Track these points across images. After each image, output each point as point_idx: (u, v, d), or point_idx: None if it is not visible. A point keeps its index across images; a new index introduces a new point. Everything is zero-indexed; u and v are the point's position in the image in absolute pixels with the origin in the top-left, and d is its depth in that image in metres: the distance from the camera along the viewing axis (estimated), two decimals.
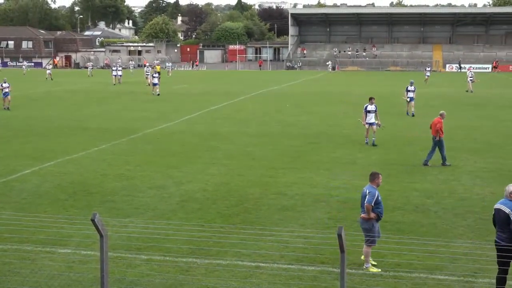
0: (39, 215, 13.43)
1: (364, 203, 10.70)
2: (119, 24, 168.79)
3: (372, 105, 23.68)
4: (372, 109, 23.69)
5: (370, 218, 10.72)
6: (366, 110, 23.73)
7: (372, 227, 10.75)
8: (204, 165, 19.84)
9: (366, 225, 10.80)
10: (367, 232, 10.75)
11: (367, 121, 23.62)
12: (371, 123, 23.63)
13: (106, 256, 7.96)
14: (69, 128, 28.59)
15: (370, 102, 23.72)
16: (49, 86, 57.82)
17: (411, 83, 34.44)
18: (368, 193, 10.72)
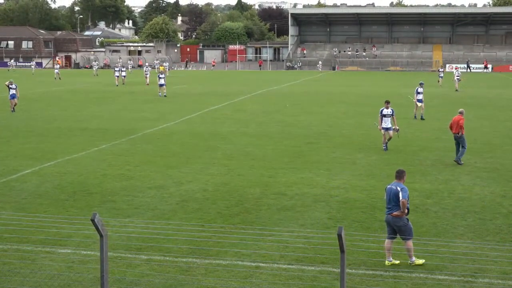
0: (39, 215, 13.44)
1: (401, 199, 10.74)
2: (119, 24, 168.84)
3: (388, 109, 22.35)
4: (389, 113, 22.36)
5: (403, 215, 10.82)
6: (381, 114, 22.38)
7: (407, 222, 10.94)
8: (204, 165, 19.84)
9: (401, 222, 10.87)
10: (404, 228, 10.86)
11: (383, 125, 22.31)
12: (387, 128, 22.29)
13: (106, 256, 7.97)
14: (69, 128, 28.60)
15: (385, 106, 22.45)
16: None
17: (421, 84, 33.42)
18: (401, 189, 10.84)
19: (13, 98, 35.20)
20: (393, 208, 10.89)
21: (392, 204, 10.90)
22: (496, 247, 11.78)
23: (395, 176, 11.18)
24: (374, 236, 12.13)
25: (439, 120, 31.70)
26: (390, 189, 11.02)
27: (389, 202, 10.96)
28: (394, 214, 10.86)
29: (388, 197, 11.00)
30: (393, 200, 10.89)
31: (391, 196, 10.94)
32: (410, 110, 34.61)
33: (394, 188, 10.94)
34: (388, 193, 11.03)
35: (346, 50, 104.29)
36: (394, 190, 10.93)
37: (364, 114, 34.33)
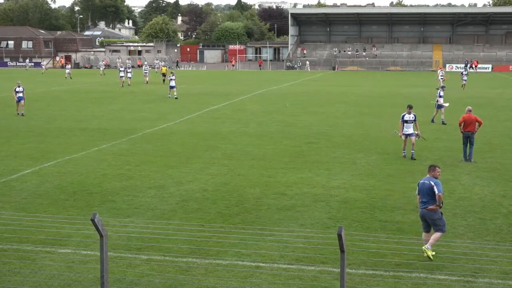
0: (39, 215, 13.44)
1: (437, 193, 11.11)
2: (119, 24, 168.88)
3: (411, 114, 20.93)
4: (411, 119, 20.93)
5: (437, 208, 11.20)
6: (403, 119, 20.94)
7: (441, 215, 11.35)
8: (204, 165, 19.85)
9: (436, 215, 11.26)
10: (438, 221, 11.26)
11: (404, 132, 20.92)
12: (408, 134, 20.93)
13: (106, 256, 7.97)
14: (69, 128, 28.60)
15: (407, 111, 21.01)
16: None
17: (443, 87, 32.20)
18: (435, 183, 11.23)
19: (19, 101, 33.53)
20: (428, 202, 11.27)
21: (428, 198, 11.27)
22: (496, 247, 11.79)
23: (428, 170, 11.63)
24: (374, 236, 12.13)
25: (439, 120, 31.68)
26: (423, 184, 11.40)
27: (423, 196, 11.34)
28: (429, 208, 11.24)
29: (422, 192, 11.37)
30: (428, 195, 11.25)
31: (425, 190, 11.31)
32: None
33: (428, 183, 11.32)
34: (421, 188, 11.41)
35: (346, 50, 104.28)
36: (427, 185, 11.30)
37: (364, 114, 34.35)
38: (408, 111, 21.01)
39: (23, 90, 33.83)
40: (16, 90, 33.62)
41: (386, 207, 14.75)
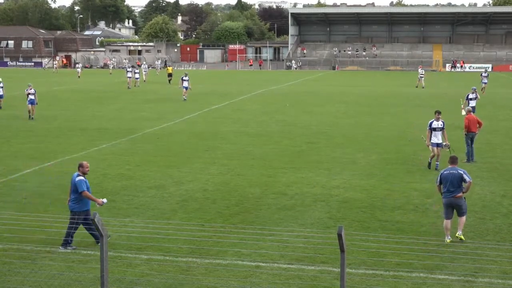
0: (39, 215, 13.44)
1: (468, 180, 12.08)
2: (119, 24, 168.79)
3: (439, 121, 18.95)
4: (439, 126, 18.92)
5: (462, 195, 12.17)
6: (431, 127, 18.96)
7: (465, 200, 12.36)
8: (204, 165, 19.85)
9: (462, 201, 12.22)
10: (464, 207, 12.23)
11: (432, 141, 18.97)
12: (437, 144, 18.86)
13: (106, 255, 7.97)
14: (69, 128, 28.59)
15: (436, 117, 19.04)
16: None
17: (474, 90, 30.11)
18: (464, 172, 12.19)
19: (31, 104, 31.33)
20: (455, 191, 12.12)
21: (456, 187, 12.12)
22: (496, 247, 11.79)
23: (450, 162, 12.49)
24: (374, 236, 12.14)
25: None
26: (450, 174, 12.21)
27: (451, 185, 12.13)
28: (458, 196, 12.11)
29: (449, 182, 12.14)
30: (457, 183, 12.12)
31: (453, 180, 12.13)
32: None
33: (456, 172, 12.20)
34: (448, 178, 12.19)
35: (346, 49, 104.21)
36: (456, 174, 12.16)
37: (364, 114, 34.35)
38: (437, 117, 18.99)
39: (34, 93, 31.59)
40: (27, 93, 31.56)
41: (386, 207, 14.76)
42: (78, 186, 11.60)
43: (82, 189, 11.59)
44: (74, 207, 11.71)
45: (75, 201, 11.71)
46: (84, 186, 11.66)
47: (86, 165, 11.99)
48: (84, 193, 11.62)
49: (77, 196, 11.66)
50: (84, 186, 11.65)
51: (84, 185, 11.66)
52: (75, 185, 11.67)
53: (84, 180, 11.73)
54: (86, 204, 11.76)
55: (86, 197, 11.67)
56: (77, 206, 11.68)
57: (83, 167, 11.90)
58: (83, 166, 11.92)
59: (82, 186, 11.61)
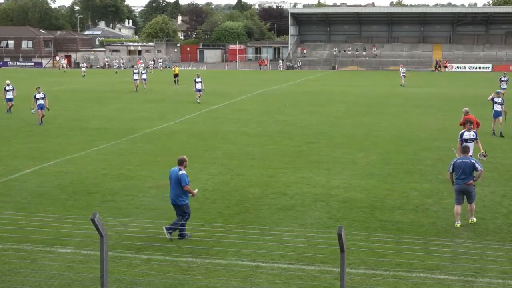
0: (39, 215, 13.45)
1: (480, 169, 13.12)
2: (119, 24, 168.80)
3: (471, 132, 17.41)
4: (471, 137, 17.44)
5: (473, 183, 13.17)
6: (462, 138, 17.43)
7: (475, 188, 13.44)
8: (204, 164, 19.84)
9: (473, 188, 13.27)
10: (474, 193, 13.33)
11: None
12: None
13: (106, 255, 7.97)
14: (69, 128, 28.58)
15: (467, 128, 17.55)
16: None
17: (499, 94, 28.17)
18: (476, 161, 13.26)
19: (41, 109, 29.68)
20: (467, 178, 13.12)
21: (467, 174, 13.12)
22: (496, 247, 11.79)
23: (462, 151, 13.58)
24: (374, 236, 12.14)
25: (438, 120, 31.70)
26: (463, 163, 13.20)
27: (463, 173, 13.13)
28: (469, 183, 13.11)
29: (462, 170, 13.13)
30: (469, 171, 13.13)
31: (465, 168, 13.12)
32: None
33: (468, 161, 13.20)
34: (461, 166, 13.18)
35: (346, 49, 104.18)
36: (469, 163, 13.17)
37: (364, 114, 34.34)
38: (468, 127, 17.53)
39: (44, 97, 29.92)
40: (37, 97, 29.85)
41: (386, 207, 14.76)
42: (181, 180, 12.17)
43: (186, 183, 12.20)
44: (178, 200, 12.25)
45: (179, 195, 12.25)
46: (188, 180, 12.30)
47: (186, 159, 12.64)
48: (186, 187, 12.21)
49: (180, 190, 12.22)
50: (187, 180, 12.29)
51: (187, 179, 12.30)
52: (177, 179, 12.21)
53: (186, 174, 12.34)
54: (187, 197, 12.37)
55: (188, 190, 12.26)
56: (181, 199, 12.24)
57: (185, 161, 12.55)
58: (185, 160, 12.56)
59: (186, 180, 12.22)
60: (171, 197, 12.36)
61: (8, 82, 35.08)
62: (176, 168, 12.41)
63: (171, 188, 12.36)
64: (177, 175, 12.25)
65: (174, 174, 12.33)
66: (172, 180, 12.35)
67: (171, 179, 12.37)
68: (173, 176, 12.34)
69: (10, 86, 34.75)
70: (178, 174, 12.24)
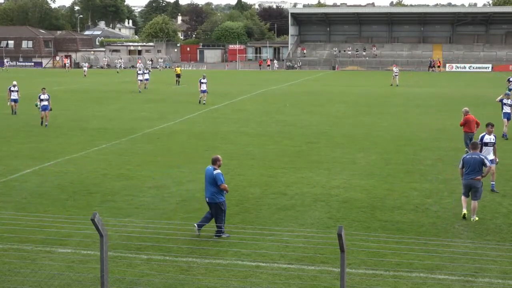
0: (39, 215, 13.45)
1: (488, 165, 13.65)
2: (119, 24, 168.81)
3: (491, 135, 16.67)
4: (491, 141, 16.67)
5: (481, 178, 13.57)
6: (482, 141, 16.52)
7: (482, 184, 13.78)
8: (204, 164, 19.75)
9: (480, 184, 13.63)
10: (480, 189, 13.64)
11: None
12: (490, 161, 16.06)
13: (106, 255, 7.97)
14: (69, 128, 28.58)
15: (487, 131, 16.65)
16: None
17: (508, 95, 27.24)
18: (485, 157, 13.77)
19: (44, 110, 28.93)
20: (475, 173, 13.55)
21: (476, 170, 13.55)
22: (496, 247, 11.79)
23: (472, 148, 14.05)
24: (374, 236, 12.14)
25: (438, 120, 31.70)
26: (472, 159, 13.62)
27: (472, 169, 13.55)
28: (476, 178, 13.53)
29: (471, 165, 13.55)
30: (478, 167, 13.54)
31: (474, 164, 13.54)
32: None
33: (477, 157, 13.64)
34: (470, 162, 13.59)
35: (346, 49, 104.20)
36: (478, 159, 13.60)
37: (364, 114, 34.34)
38: (489, 130, 16.61)
39: (48, 98, 29.09)
40: (41, 98, 29.01)
41: (386, 207, 14.76)
42: (217, 179, 12.33)
43: (222, 181, 12.38)
44: (215, 198, 12.42)
45: (215, 193, 12.42)
46: (223, 178, 12.47)
47: (221, 158, 12.82)
48: (222, 186, 12.39)
49: (216, 188, 12.39)
50: (223, 178, 12.46)
51: (223, 177, 12.47)
52: (213, 178, 12.36)
53: (222, 173, 12.53)
54: (223, 195, 12.56)
55: (224, 189, 12.46)
56: (218, 197, 12.42)
57: (219, 160, 12.69)
58: (219, 160, 12.71)
59: (222, 178, 12.41)
60: (207, 196, 12.53)
61: (15, 83, 34.51)
62: (211, 167, 12.56)
63: (206, 187, 12.54)
64: (212, 174, 12.40)
65: (209, 173, 12.49)
66: (206, 179, 12.52)
67: (205, 177, 12.57)
68: (207, 175, 12.50)
69: (16, 87, 34.17)
70: (213, 173, 12.39)
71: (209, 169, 12.55)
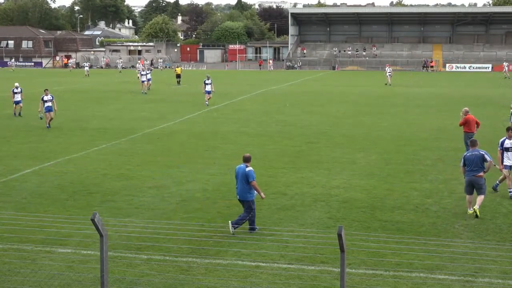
0: (39, 215, 13.45)
1: (489, 160, 13.81)
2: (119, 24, 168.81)
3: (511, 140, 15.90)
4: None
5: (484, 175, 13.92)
6: (502, 147, 15.82)
7: (485, 181, 14.07)
8: (204, 164, 19.84)
9: (482, 180, 13.89)
10: (483, 186, 13.91)
11: (505, 163, 15.78)
12: (511, 166, 15.77)
13: (106, 255, 7.97)
14: (69, 128, 28.58)
15: (508, 135, 15.87)
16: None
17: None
18: (485, 153, 13.95)
19: (49, 112, 28.46)
20: (478, 170, 13.81)
21: (478, 167, 13.82)
22: (496, 247, 11.79)
23: (471, 145, 14.37)
24: (374, 236, 12.14)
25: (438, 120, 31.70)
26: (473, 155, 13.92)
27: (474, 165, 13.83)
28: (478, 175, 13.79)
29: (473, 162, 13.84)
30: (479, 163, 13.81)
31: (476, 160, 13.83)
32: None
33: (478, 153, 13.89)
34: (472, 159, 13.88)
35: (346, 49, 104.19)
36: (478, 155, 13.85)
37: (364, 114, 34.34)
38: (509, 135, 15.82)
39: (52, 99, 28.60)
40: (44, 99, 28.55)
41: (386, 207, 14.76)
42: (249, 176, 12.58)
43: (253, 179, 12.62)
44: (247, 196, 12.67)
45: (247, 191, 12.67)
46: (255, 176, 12.71)
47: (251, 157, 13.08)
48: (253, 183, 12.61)
49: (247, 186, 12.62)
50: (254, 176, 12.70)
51: (254, 175, 12.71)
52: (245, 175, 12.61)
53: (253, 170, 12.77)
54: (254, 193, 12.73)
55: (254, 187, 12.65)
56: (249, 195, 12.66)
57: (250, 159, 12.97)
58: (250, 158, 12.98)
59: (253, 175, 12.66)
60: (238, 193, 12.74)
61: (17, 85, 33.98)
62: (243, 165, 12.79)
63: (238, 184, 12.74)
64: (244, 172, 12.63)
65: (241, 170, 12.71)
66: (238, 177, 12.72)
67: (238, 176, 12.75)
68: (240, 173, 12.71)
69: (19, 88, 33.72)
70: (245, 171, 12.63)
71: (241, 167, 12.77)
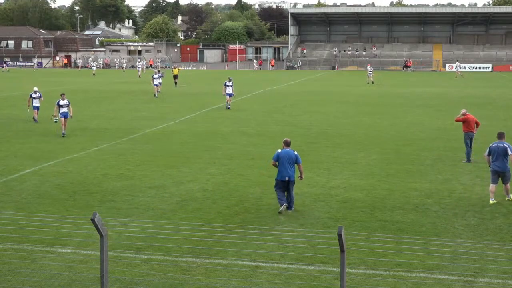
0: (39, 215, 13.45)
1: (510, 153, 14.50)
2: (119, 24, 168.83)
3: None
4: None
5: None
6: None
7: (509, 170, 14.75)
8: (204, 164, 19.84)
9: (508, 169, 14.63)
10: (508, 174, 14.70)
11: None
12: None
13: (106, 255, 7.97)
14: (69, 128, 28.53)
15: None
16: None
17: None
18: (508, 146, 14.65)
19: (64, 118, 25.85)
20: (502, 160, 14.57)
21: (502, 157, 14.59)
22: (496, 247, 11.79)
23: (498, 136, 15.12)
24: (374, 236, 12.14)
25: (438, 120, 31.70)
26: (497, 147, 14.73)
27: (497, 156, 14.64)
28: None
29: (497, 153, 14.63)
30: (503, 154, 14.59)
31: (499, 151, 14.64)
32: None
33: (502, 146, 14.69)
34: (496, 150, 14.70)
35: (346, 49, 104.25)
36: (502, 147, 14.66)
37: (364, 114, 34.34)
38: None
39: (68, 104, 26.11)
40: (60, 104, 26.08)
41: (386, 207, 14.76)
42: (299, 160, 13.96)
43: (300, 162, 14.02)
44: (294, 176, 13.99)
45: (294, 172, 13.98)
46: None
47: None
48: (301, 166, 14.06)
49: (294, 167, 13.93)
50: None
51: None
52: (294, 158, 13.90)
53: None
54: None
55: (300, 169, 14.05)
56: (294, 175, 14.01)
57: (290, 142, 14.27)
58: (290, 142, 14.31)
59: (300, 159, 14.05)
60: (286, 175, 13.77)
61: (36, 89, 30.77)
62: (288, 149, 13.95)
63: (285, 166, 13.77)
64: (293, 155, 13.85)
65: (289, 154, 13.85)
66: (285, 159, 13.79)
67: (284, 159, 13.80)
68: (289, 156, 13.82)
69: (38, 93, 30.61)
70: (295, 154, 13.89)
71: (288, 151, 13.87)
